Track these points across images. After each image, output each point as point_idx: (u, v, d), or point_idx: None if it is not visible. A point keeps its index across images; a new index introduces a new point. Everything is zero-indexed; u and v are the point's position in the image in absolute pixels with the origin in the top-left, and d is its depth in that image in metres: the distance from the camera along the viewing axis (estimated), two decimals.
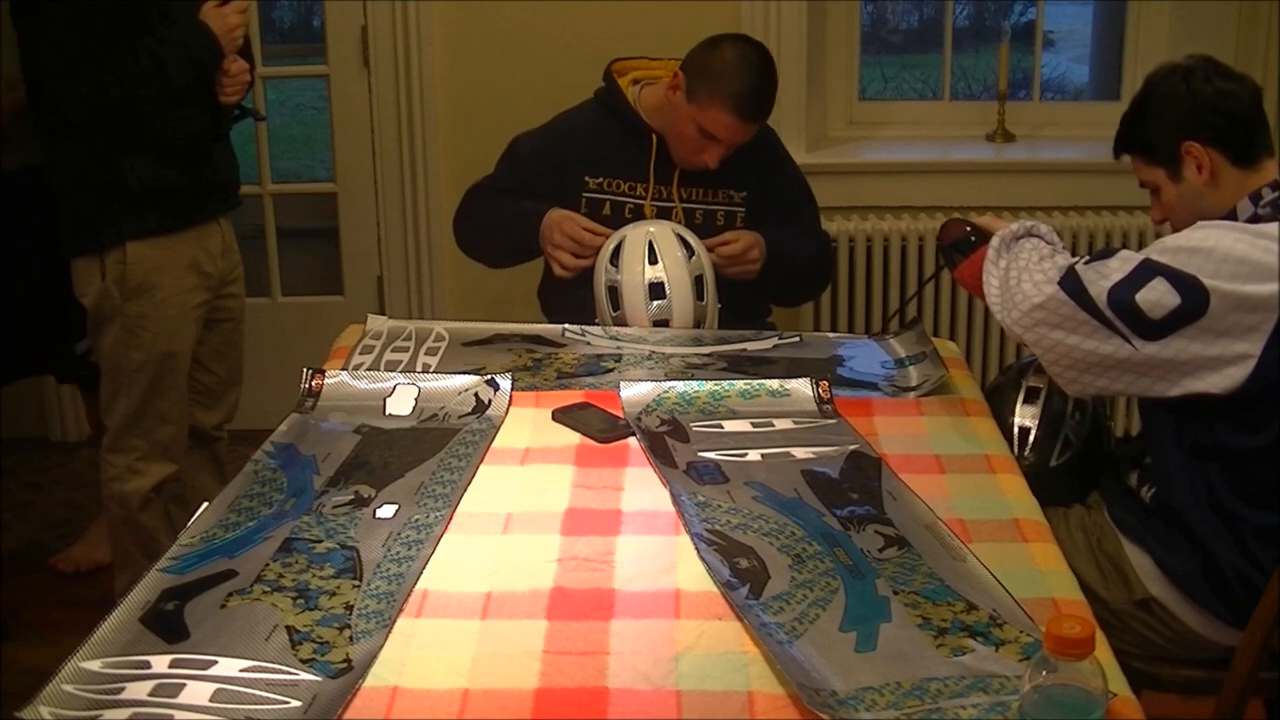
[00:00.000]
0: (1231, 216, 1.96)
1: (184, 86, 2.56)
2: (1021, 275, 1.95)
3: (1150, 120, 2.04)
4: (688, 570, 1.63)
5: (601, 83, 2.71)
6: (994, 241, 2.05)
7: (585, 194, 2.64)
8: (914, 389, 2.20)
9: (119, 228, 2.61)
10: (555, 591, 1.58)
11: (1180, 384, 1.88)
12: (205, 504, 1.79)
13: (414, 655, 1.46)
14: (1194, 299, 1.82)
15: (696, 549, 1.67)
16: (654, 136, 2.63)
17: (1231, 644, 1.87)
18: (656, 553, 1.68)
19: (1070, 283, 1.88)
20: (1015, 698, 1.33)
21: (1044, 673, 1.21)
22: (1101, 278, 1.87)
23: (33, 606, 3.01)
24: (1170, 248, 1.88)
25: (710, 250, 2.51)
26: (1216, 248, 1.85)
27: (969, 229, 2.17)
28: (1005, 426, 2.19)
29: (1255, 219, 1.94)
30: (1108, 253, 1.92)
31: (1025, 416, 2.26)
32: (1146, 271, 1.85)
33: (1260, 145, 1.99)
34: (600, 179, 2.64)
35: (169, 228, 2.65)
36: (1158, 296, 1.84)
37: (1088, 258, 1.93)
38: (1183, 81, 2.01)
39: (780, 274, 2.65)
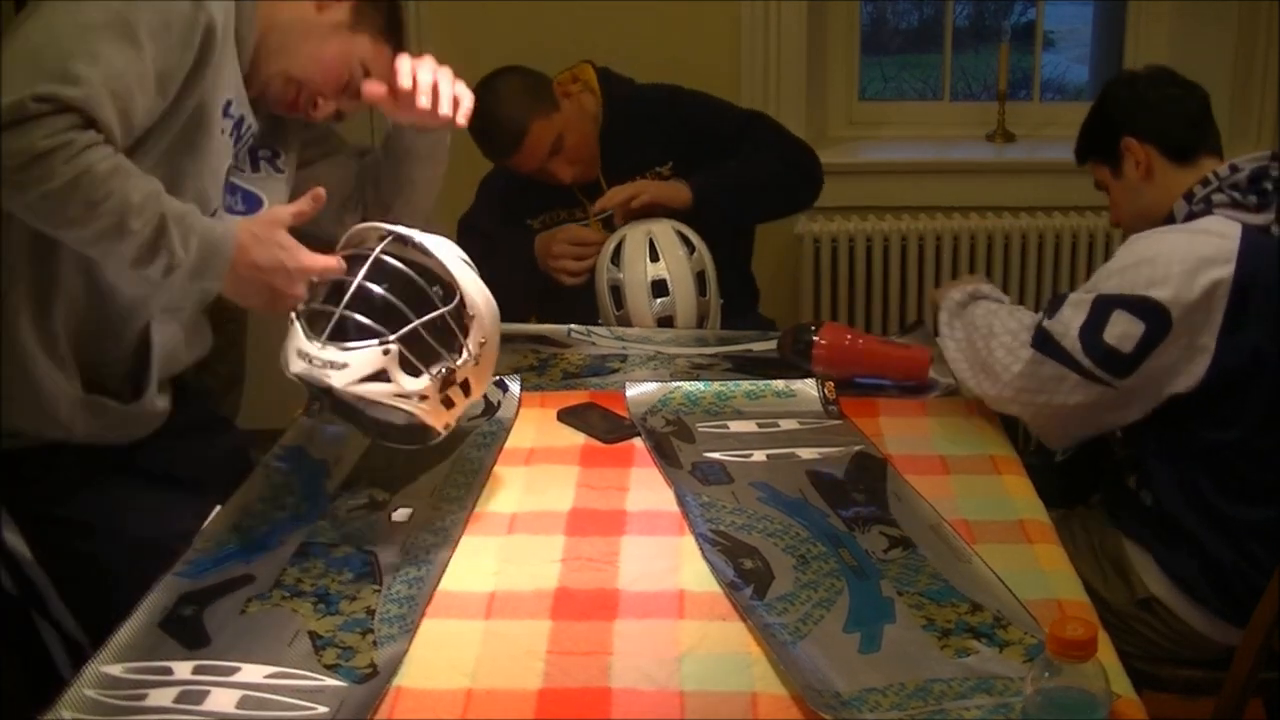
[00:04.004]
0: (1170, 219, 2.00)
1: None
2: (990, 344, 1.99)
3: (1097, 119, 2.11)
4: (692, 570, 1.63)
5: None
6: (942, 315, 2.11)
7: (536, 235, 2.65)
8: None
9: None
10: (559, 591, 1.59)
11: (1158, 395, 1.91)
12: (218, 507, 1.79)
13: (418, 655, 1.46)
14: (1156, 319, 1.86)
15: (701, 549, 1.67)
16: None
17: (1233, 643, 1.88)
18: (661, 553, 1.68)
19: (1042, 341, 1.92)
20: (1019, 699, 1.33)
21: (1047, 674, 1.21)
22: (1067, 329, 1.91)
23: None
24: (1114, 270, 1.93)
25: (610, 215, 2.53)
26: (1158, 253, 1.89)
27: (796, 329, 2.26)
28: (1010, 422, 2.19)
29: (1191, 217, 1.97)
30: (1058, 302, 1.96)
31: None
32: (1103, 307, 1.89)
33: (1199, 144, 2.03)
34: (541, 216, 2.68)
35: None
36: (1123, 329, 1.87)
37: (1043, 315, 1.96)
38: (1128, 85, 2.09)
39: (733, 199, 2.60)
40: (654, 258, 2.46)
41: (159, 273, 1.61)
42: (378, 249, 1.67)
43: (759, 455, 1.94)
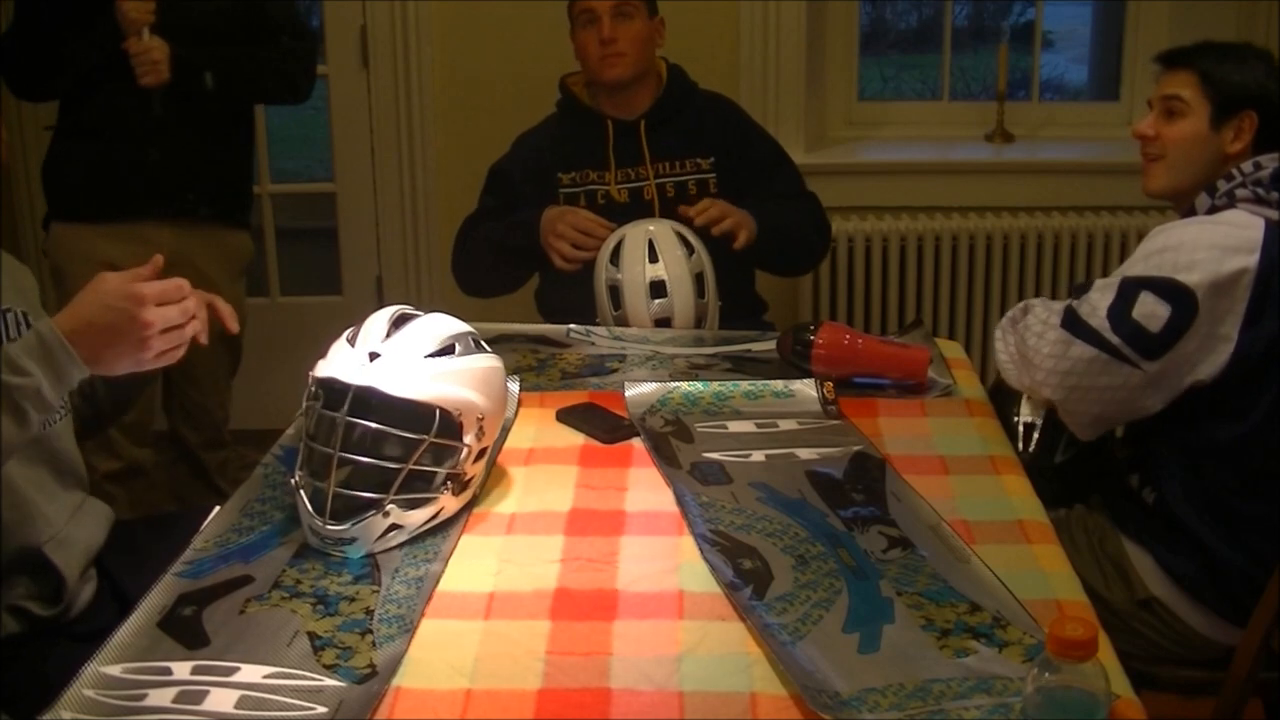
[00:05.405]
0: (1191, 212, 2.00)
1: (89, 69, 2.62)
2: (1025, 335, 2.01)
3: (1244, 68, 2.03)
4: (691, 571, 1.63)
5: (559, 95, 2.81)
6: (997, 331, 2.12)
7: (562, 190, 2.70)
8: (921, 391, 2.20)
9: (50, 207, 2.73)
10: (559, 592, 1.58)
11: (1179, 385, 1.91)
12: (217, 507, 1.79)
13: (417, 655, 1.46)
14: (1182, 302, 1.87)
15: (700, 549, 1.67)
16: (609, 122, 2.69)
17: (1233, 643, 1.88)
18: (660, 553, 1.68)
19: (1071, 322, 1.93)
20: (1018, 699, 1.33)
21: (1046, 674, 1.21)
22: (1094, 309, 1.92)
23: None
24: (1139, 258, 1.94)
25: (689, 219, 2.55)
26: (1183, 240, 1.90)
27: (795, 330, 2.27)
28: (1009, 423, 2.20)
29: (1213, 210, 1.98)
30: (1085, 286, 1.97)
31: (1029, 413, 2.27)
32: (1130, 289, 1.91)
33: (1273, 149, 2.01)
34: (572, 173, 2.72)
35: (85, 216, 2.68)
36: (1149, 309, 1.88)
37: (1070, 298, 1.98)
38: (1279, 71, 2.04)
39: (775, 245, 2.69)
40: (653, 258, 2.46)
41: (33, 407, 1.54)
42: (343, 413, 1.62)
43: (758, 455, 1.94)
